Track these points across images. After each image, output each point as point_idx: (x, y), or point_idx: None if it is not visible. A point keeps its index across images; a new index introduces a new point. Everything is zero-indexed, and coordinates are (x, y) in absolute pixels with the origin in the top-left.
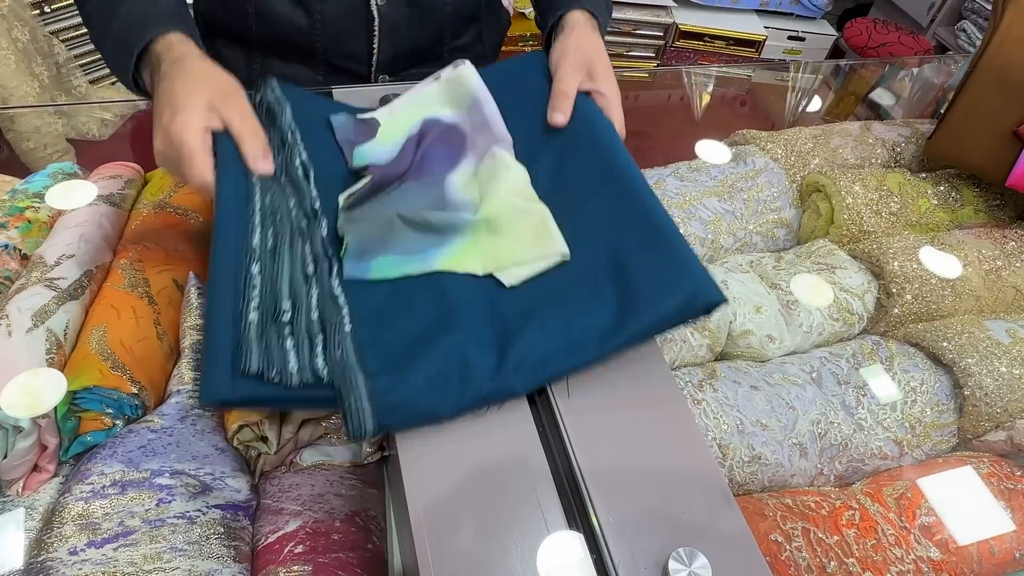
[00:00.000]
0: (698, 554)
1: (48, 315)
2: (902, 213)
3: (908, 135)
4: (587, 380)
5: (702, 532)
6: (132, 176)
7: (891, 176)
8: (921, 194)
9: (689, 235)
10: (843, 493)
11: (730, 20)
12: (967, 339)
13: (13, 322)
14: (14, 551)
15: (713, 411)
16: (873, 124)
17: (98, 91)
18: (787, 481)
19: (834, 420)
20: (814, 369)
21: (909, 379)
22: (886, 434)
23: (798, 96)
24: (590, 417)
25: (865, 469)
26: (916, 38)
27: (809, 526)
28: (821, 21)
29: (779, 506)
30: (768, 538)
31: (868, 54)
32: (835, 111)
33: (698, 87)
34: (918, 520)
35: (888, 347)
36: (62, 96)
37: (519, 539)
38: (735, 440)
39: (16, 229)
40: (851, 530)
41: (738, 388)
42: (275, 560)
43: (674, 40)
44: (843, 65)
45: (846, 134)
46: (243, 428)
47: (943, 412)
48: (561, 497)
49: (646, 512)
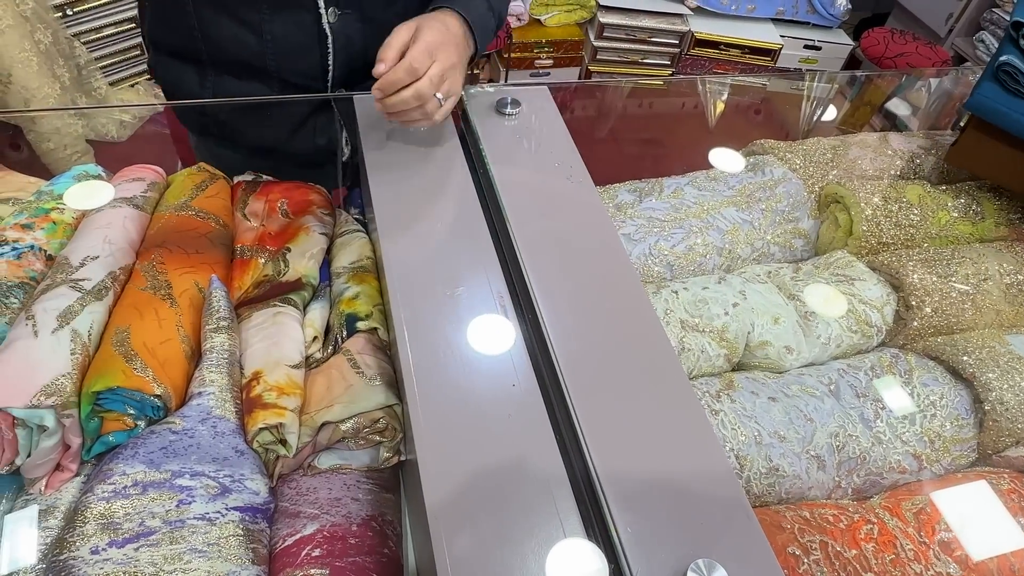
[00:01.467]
0: (717, 566)
1: (73, 316)
2: (922, 225)
3: (928, 146)
4: (605, 389)
5: (720, 543)
6: (155, 179)
7: (910, 188)
8: (941, 206)
9: (707, 244)
10: (861, 507)
11: (746, 28)
12: (987, 353)
13: (39, 322)
14: (37, 549)
15: (731, 422)
16: (892, 135)
17: (117, 93)
18: (804, 493)
19: (852, 433)
20: (832, 381)
21: (928, 393)
22: (905, 448)
23: (813, 105)
24: (608, 426)
25: (883, 483)
26: (934, 48)
27: (827, 539)
28: (838, 30)
29: (797, 519)
30: (786, 551)
31: (885, 64)
32: (850, 121)
33: (713, 95)
34: (937, 535)
35: (907, 360)
36: (82, 98)
37: (537, 547)
38: (753, 451)
39: (42, 230)
40: (870, 544)
41: (756, 399)
42: (292, 563)
43: (689, 48)
44: (859, 75)
45: (865, 145)
46: (263, 431)
47: (963, 427)
48: (579, 505)
49: (664, 522)
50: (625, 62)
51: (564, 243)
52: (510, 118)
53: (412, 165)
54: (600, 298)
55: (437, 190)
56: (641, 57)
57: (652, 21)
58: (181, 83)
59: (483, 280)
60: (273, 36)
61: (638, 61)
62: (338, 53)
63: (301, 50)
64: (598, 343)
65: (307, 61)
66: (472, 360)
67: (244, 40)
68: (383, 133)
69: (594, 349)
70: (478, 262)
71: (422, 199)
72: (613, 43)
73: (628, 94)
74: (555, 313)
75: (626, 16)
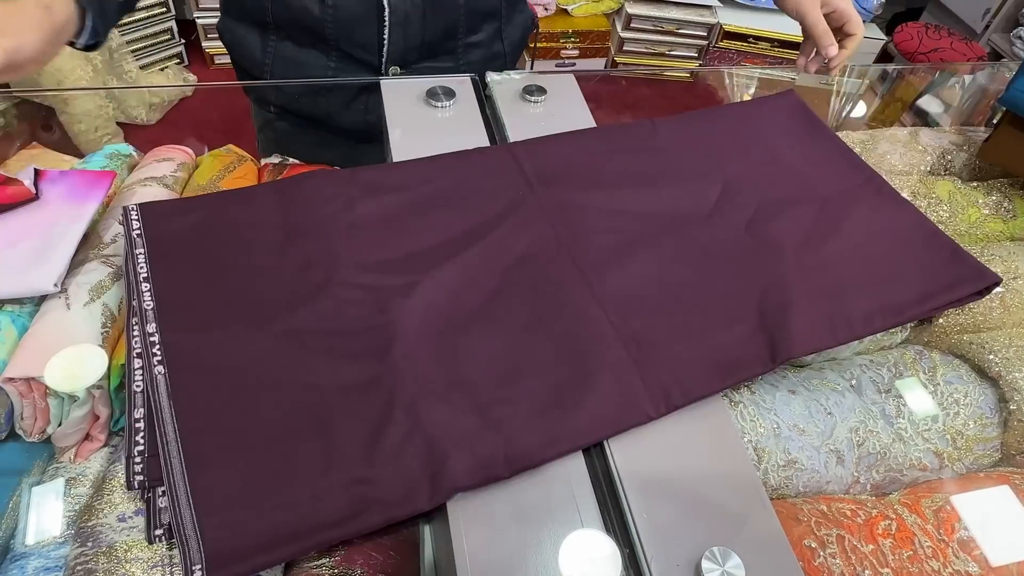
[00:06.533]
0: (732, 554)
1: (104, 290)
2: (951, 222)
3: (959, 142)
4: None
5: (736, 532)
6: (184, 159)
7: (940, 184)
8: (972, 203)
9: None
10: (880, 502)
11: (776, 21)
12: (1015, 352)
13: (72, 296)
14: (66, 515)
15: (750, 413)
16: (922, 130)
17: (147, 76)
18: (822, 488)
19: (873, 429)
20: (854, 376)
21: (952, 391)
22: (926, 445)
23: (842, 101)
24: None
25: (903, 480)
26: (969, 44)
27: (844, 533)
28: (870, 24)
29: (814, 512)
30: (802, 543)
31: (918, 60)
32: (880, 117)
33: (740, 89)
34: (957, 534)
35: (931, 357)
36: (113, 80)
37: (553, 532)
38: (771, 444)
39: None
40: (887, 540)
41: (776, 391)
42: None
43: (717, 40)
44: (891, 70)
45: (894, 140)
46: None
47: (986, 426)
48: (596, 492)
49: (680, 510)
50: (652, 54)
51: None
52: (535, 105)
53: (436, 149)
54: None
55: None
56: (668, 49)
57: (680, 12)
58: (243, 46)
59: None
60: (334, 4)
61: (665, 53)
62: (394, 28)
63: (359, 22)
64: None
65: (364, 33)
66: None
67: (307, 5)
68: (408, 118)
69: None
70: None
71: None
72: (640, 34)
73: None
74: None
75: (654, 7)
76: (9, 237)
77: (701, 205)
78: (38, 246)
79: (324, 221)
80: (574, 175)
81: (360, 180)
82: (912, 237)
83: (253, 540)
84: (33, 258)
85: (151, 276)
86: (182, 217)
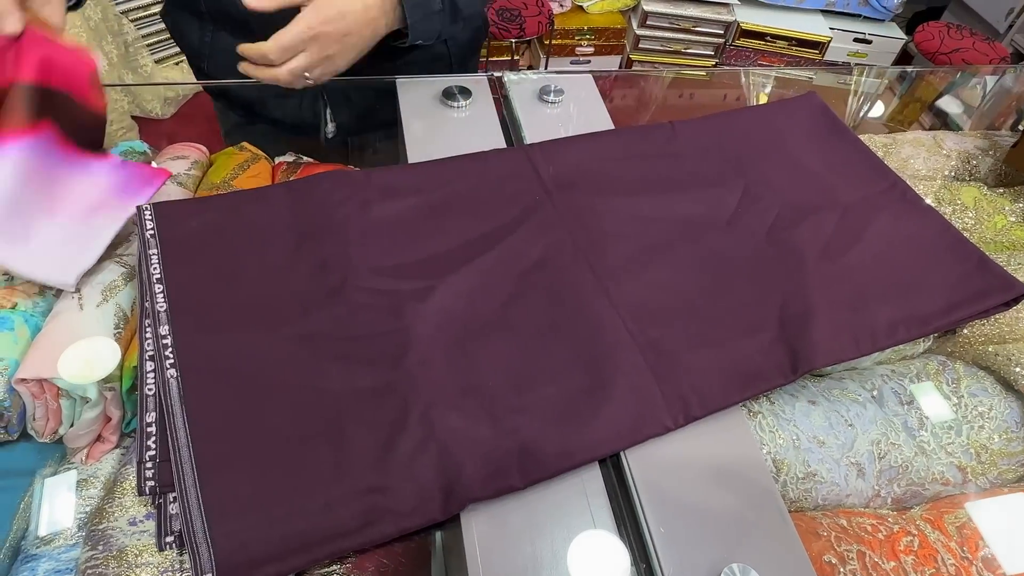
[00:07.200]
0: (751, 572)
1: (116, 290)
2: (976, 229)
3: (985, 147)
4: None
5: (754, 548)
6: (198, 157)
7: (965, 189)
8: (998, 210)
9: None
10: (901, 517)
11: (794, 20)
12: None
13: (85, 296)
14: (77, 517)
15: (769, 424)
16: (946, 134)
17: (163, 71)
18: (842, 501)
19: (895, 441)
20: (875, 387)
21: (977, 403)
22: (949, 459)
23: (860, 101)
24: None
25: (925, 494)
26: (992, 45)
27: (865, 549)
28: (890, 24)
29: (833, 526)
30: (821, 559)
31: (939, 60)
32: (898, 118)
33: (756, 88)
34: (981, 552)
35: (955, 369)
36: (129, 75)
37: (568, 543)
38: (790, 456)
39: None
40: (909, 557)
41: (795, 402)
42: None
43: (735, 39)
44: (910, 70)
45: (918, 144)
46: None
47: (1012, 440)
48: (612, 505)
49: (698, 523)
50: (668, 51)
51: None
52: (552, 105)
53: (452, 150)
54: None
55: None
56: (684, 47)
57: (697, 10)
58: (184, 35)
59: None
60: None
61: (681, 51)
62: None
63: (284, 17)
64: None
65: (286, 23)
66: None
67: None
68: (424, 117)
69: None
70: None
71: None
72: (656, 32)
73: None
74: None
75: (670, 4)
76: (60, 196)
77: (720, 211)
78: (73, 232)
79: (338, 223)
80: (591, 179)
81: (375, 182)
82: (937, 245)
83: (264, 549)
84: (62, 244)
85: (164, 277)
86: (195, 218)
